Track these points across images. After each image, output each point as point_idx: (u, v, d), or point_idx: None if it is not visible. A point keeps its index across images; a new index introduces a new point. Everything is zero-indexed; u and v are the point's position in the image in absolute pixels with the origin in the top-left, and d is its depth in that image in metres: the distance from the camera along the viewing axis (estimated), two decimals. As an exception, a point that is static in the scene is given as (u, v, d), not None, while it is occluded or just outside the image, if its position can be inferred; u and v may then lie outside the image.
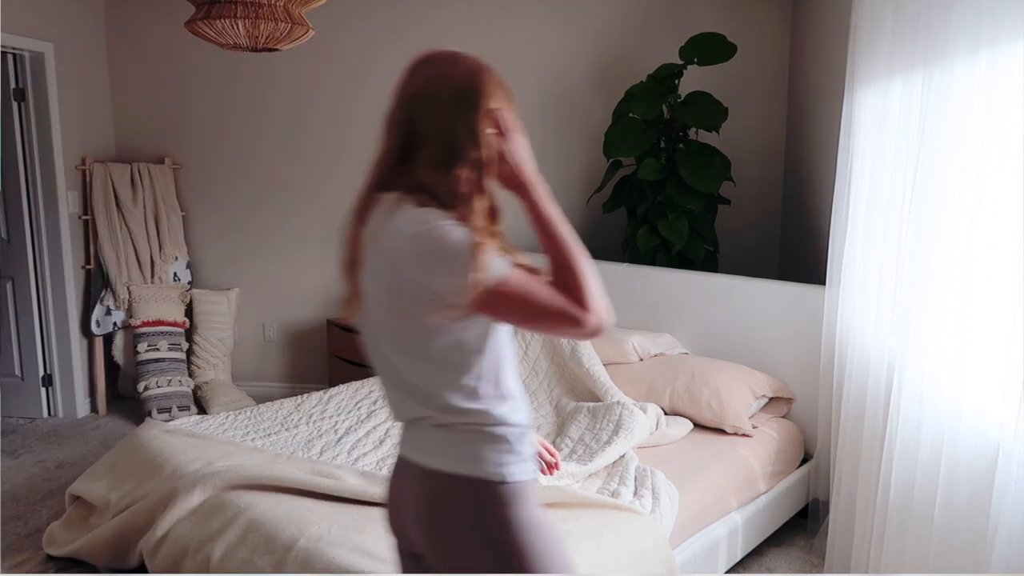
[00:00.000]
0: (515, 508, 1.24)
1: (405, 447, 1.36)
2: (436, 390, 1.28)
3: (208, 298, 4.40)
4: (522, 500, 1.26)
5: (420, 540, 1.32)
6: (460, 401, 1.26)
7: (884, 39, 2.27)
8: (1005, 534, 1.60)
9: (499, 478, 1.24)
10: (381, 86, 4.70)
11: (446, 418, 1.27)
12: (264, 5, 2.37)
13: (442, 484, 1.27)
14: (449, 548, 1.27)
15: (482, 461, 1.25)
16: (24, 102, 3.98)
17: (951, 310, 1.89)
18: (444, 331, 1.24)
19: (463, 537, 1.26)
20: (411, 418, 1.35)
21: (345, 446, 2.66)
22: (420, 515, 1.30)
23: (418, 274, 1.22)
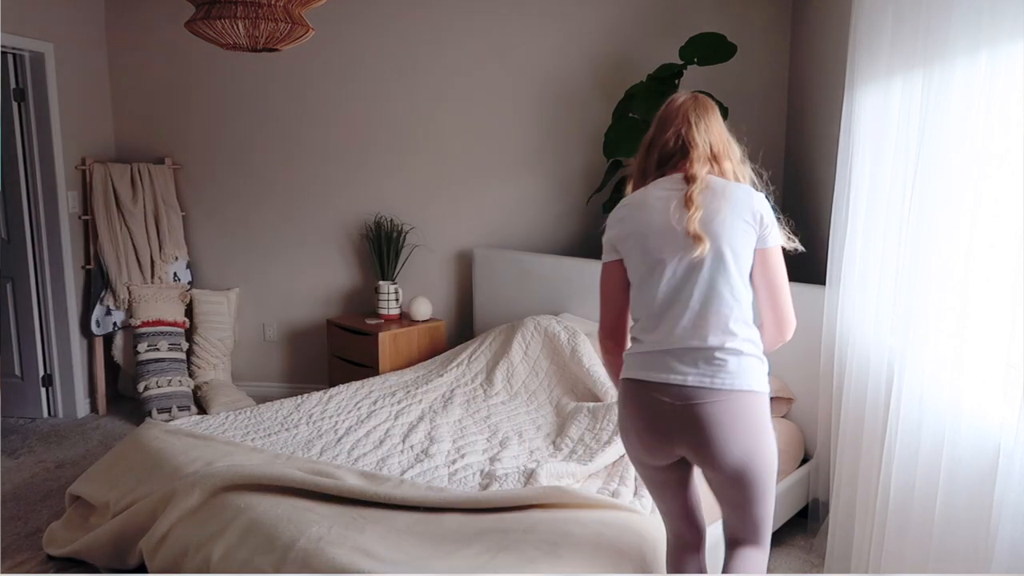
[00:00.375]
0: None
1: (688, 374, 1.67)
2: (734, 320, 1.67)
3: (208, 298, 4.40)
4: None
5: (710, 447, 1.66)
6: (744, 329, 1.68)
7: (884, 39, 2.27)
8: (1006, 534, 1.60)
9: (765, 391, 1.70)
10: (381, 86, 4.73)
11: (737, 344, 1.66)
12: (264, 5, 2.37)
13: (740, 400, 1.64)
14: (750, 450, 1.66)
15: (760, 378, 1.69)
16: (24, 102, 3.98)
17: (951, 310, 1.89)
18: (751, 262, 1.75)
19: (758, 440, 1.67)
20: (697, 347, 1.67)
21: (345, 446, 2.66)
22: (721, 428, 1.64)
23: (763, 214, 1.76)
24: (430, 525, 2.04)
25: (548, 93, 4.14)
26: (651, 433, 1.72)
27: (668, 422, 1.68)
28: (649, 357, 1.72)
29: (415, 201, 4.32)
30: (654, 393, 1.69)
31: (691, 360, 1.67)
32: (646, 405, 1.71)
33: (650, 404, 1.70)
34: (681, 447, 1.71)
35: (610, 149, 3.59)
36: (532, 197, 4.24)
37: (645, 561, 2.05)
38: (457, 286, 4.38)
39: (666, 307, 1.70)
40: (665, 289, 1.70)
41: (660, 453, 1.75)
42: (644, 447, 1.76)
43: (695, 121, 1.78)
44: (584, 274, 3.72)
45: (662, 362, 1.70)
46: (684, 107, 1.80)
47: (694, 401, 1.65)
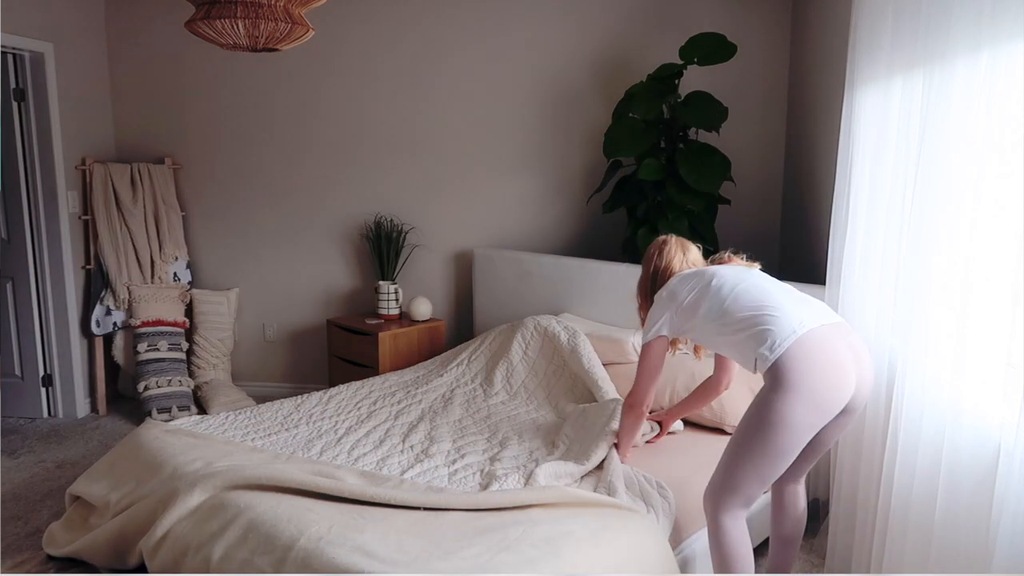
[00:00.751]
0: None
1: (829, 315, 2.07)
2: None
3: (208, 298, 4.40)
4: None
5: (866, 397, 2.05)
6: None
7: (884, 39, 2.27)
8: (1006, 534, 1.60)
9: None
10: (381, 86, 4.73)
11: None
12: (264, 5, 2.36)
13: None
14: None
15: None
16: (24, 102, 3.98)
17: (951, 310, 1.89)
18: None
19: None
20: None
21: (345, 446, 2.66)
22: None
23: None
24: (430, 525, 2.03)
25: (548, 93, 4.14)
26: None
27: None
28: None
29: (415, 201, 4.32)
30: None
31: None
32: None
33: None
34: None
35: (610, 149, 3.59)
36: (532, 197, 4.24)
37: (645, 561, 2.05)
38: (457, 286, 4.38)
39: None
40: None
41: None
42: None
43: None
44: (584, 274, 3.72)
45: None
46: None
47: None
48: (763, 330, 1.98)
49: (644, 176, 3.49)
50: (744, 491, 2.03)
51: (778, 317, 1.99)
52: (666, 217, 3.52)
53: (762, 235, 4.03)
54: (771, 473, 2.01)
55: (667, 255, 2.38)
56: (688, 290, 2.22)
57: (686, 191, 3.46)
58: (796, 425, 1.92)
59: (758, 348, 1.97)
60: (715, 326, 2.12)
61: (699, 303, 2.16)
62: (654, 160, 3.52)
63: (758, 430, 1.97)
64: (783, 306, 2.02)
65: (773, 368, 1.94)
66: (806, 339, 1.93)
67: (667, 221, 3.51)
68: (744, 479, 2.02)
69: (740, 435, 2.04)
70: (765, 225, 4.04)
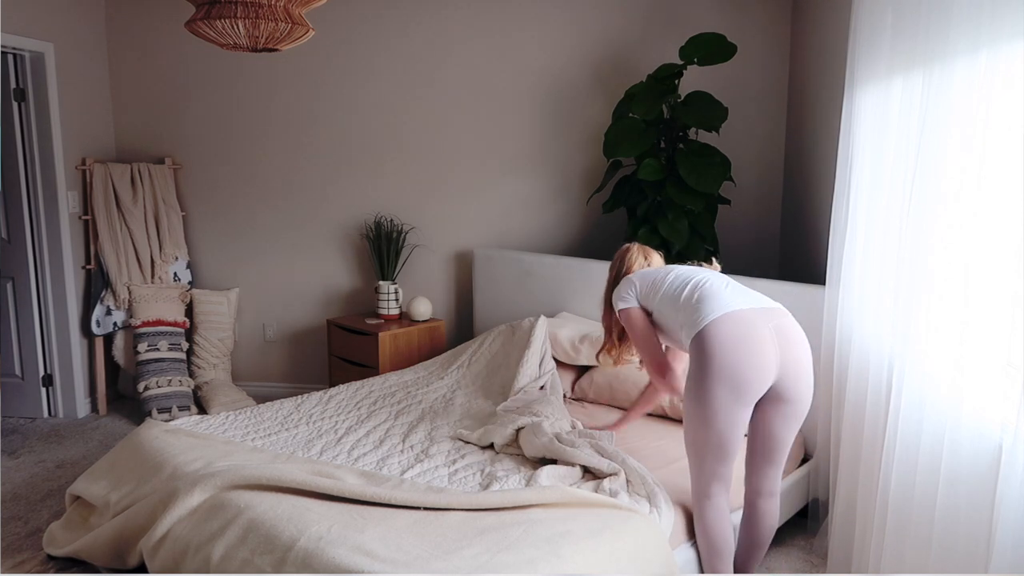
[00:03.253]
0: None
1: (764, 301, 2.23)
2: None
3: (208, 298, 4.40)
4: None
5: (800, 383, 2.16)
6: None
7: (884, 39, 2.27)
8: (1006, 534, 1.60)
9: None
10: (381, 86, 4.72)
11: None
12: (264, 5, 2.37)
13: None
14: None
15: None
16: (24, 102, 3.98)
17: (951, 310, 1.89)
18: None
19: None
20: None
21: (345, 446, 2.66)
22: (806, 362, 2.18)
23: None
24: (430, 525, 2.04)
25: (548, 93, 4.14)
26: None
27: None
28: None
29: (415, 201, 4.32)
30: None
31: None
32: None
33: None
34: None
35: (610, 149, 3.59)
36: (532, 197, 4.24)
37: (645, 561, 2.05)
38: (457, 286, 4.38)
39: None
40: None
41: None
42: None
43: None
44: (584, 274, 3.72)
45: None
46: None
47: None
48: (695, 308, 2.17)
49: (644, 176, 3.49)
50: (705, 467, 2.17)
51: (709, 299, 2.17)
52: (666, 217, 3.52)
53: (762, 235, 4.03)
54: (716, 442, 2.12)
55: (628, 260, 2.55)
56: (648, 276, 2.42)
57: (686, 191, 3.46)
58: (711, 389, 2.07)
59: (688, 323, 2.16)
60: (668, 306, 2.29)
61: (657, 287, 2.35)
62: (654, 160, 3.52)
63: (686, 405, 2.17)
64: (717, 292, 2.19)
65: (694, 341, 2.12)
66: (726, 318, 2.10)
67: (667, 221, 3.51)
68: (696, 454, 2.18)
69: (684, 420, 2.23)
70: (765, 225, 4.04)
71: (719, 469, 2.16)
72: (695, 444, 2.17)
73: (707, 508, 2.20)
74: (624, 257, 2.57)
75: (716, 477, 2.17)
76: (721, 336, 2.07)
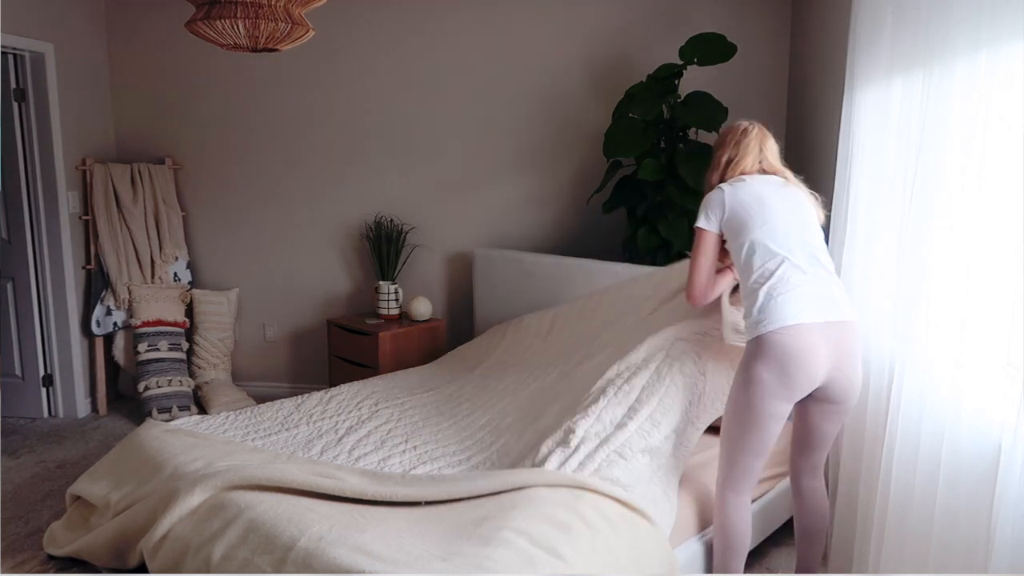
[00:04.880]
0: None
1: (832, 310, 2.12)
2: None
3: (208, 298, 4.40)
4: None
5: (849, 391, 2.16)
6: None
7: (884, 39, 2.27)
8: (1006, 534, 1.60)
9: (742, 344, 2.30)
10: (381, 86, 4.71)
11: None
12: (264, 5, 2.37)
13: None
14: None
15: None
16: (24, 102, 3.98)
17: (951, 310, 1.89)
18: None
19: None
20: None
21: (346, 446, 2.66)
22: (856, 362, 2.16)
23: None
24: (431, 524, 2.03)
25: (548, 93, 4.14)
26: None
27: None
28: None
29: (415, 201, 4.32)
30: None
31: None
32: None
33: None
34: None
35: (610, 149, 3.59)
36: (532, 197, 4.24)
37: (645, 560, 2.05)
38: (457, 286, 4.38)
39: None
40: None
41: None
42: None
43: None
44: (584, 274, 3.72)
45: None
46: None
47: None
48: (765, 305, 2.10)
49: (644, 176, 3.49)
50: (737, 461, 2.19)
51: (783, 303, 2.08)
52: (666, 217, 3.52)
53: (762, 235, 4.03)
54: (754, 438, 2.14)
55: (743, 148, 2.35)
56: (742, 207, 2.25)
57: (686, 191, 3.46)
58: (757, 382, 2.09)
59: (754, 308, 2.12)
60: (742, 265, 2.22)
61: (743, 232, 2.22)
62: (654, 160, 3.52)
63: (732, 397, 2.18)
64: (794, 297, 2.09)
65: (754, 340, 2.11)
66: (790, 332, 2.06)
67: (667, 221, 3.51)
68: (731, 448, 2.19)
69: (725, 411, 2.24)
70: (765, 225, 4.04)
71: (754, 463, 2.19)
72: (733, 438, 2.19)
73: (732, 501, 2.22)
74: (741, 143, 2.36)
75: (748, 472, 2.20)
76: (779, 348, 2.06)
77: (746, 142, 2.35)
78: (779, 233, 2.18)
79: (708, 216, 2.29)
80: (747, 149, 2.34)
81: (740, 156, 2.34)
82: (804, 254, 2.15)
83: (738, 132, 2.38)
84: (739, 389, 2.15)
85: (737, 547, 2.24)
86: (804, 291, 2.11)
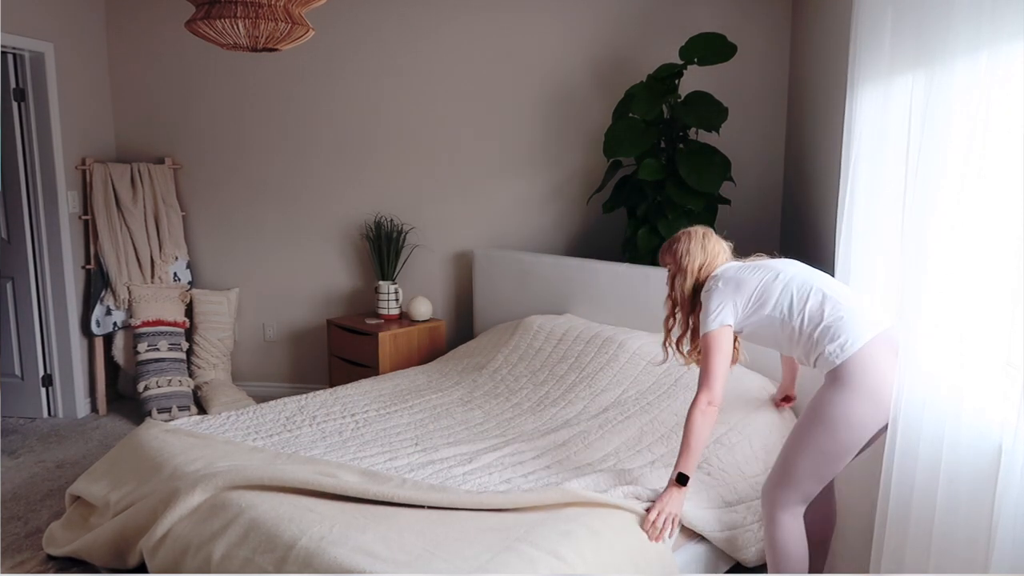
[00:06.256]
0: None
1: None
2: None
3: (208, 298, 4.40)
4: None
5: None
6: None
7: (884, 39, 2.27)
8: (1006, 534, 1.60)
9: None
10: (381, 86, 4.70)
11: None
12: (264, 5, 2.36)
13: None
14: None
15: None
16: (24, 102, 3.98)
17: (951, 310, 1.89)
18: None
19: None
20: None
21: (350, 448, 2.65)
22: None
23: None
24: (432, 525, 2.04)
25: (548, 93, 4.14)
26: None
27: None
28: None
29: (415, 201, 4.32)
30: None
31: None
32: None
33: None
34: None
35: (610, 149, 3.59)
36: (532, 197, 4.24)
37: (646, 562, 2.05)
38: (457, 286, 4.38)
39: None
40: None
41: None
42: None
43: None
44: (584, 274, 3.72)
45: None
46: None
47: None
48: (833, 328, 2.01)
49: (644, 176, 3.49)
50: (802, 488, 2.06)
51: (847, 317, 2.02)
52: (666, 217, 3.52)
53: (762, 235, 4.03)
54: (830, 471, 2.04)
55: (710, 250, 2.27)
56: (757, 280, 2.16)
57: (686, 191, 3.46)
58: (858, 423, 1.97)
59: (827, 345, 2.00)
60: (782, 321, 2.10)
61: (767, 296, 2.12)
62: (654, 160, 3.52)
63: (820, 427, 2.00)
64: (854, 306, 2.05)
65: (841, 367, 1.98)
66: (875, 342, 1.98)
67: (667, 221, 3.51)
68: (803, 476, 2.04)
69: (802, 432, 2.05)
70: (765, 225, 4.04)
71: (817, 488, 2.09)
72: (814, 464, 2.03)
73: (790, 523, 2.09)
74: (706, 247, 2.28)
75: (810, 496, 2.10)
76: (871, 361, 1.98)
77: (710, 245, 2.29)
78: (800, 278, 2.14)
79: (723, 315, 2.13)
80: (716, 248, 2.29)
81: (712, 256, 2.27)
82: (832, 287, 2.13)
83: (696, 237, 2.30)
84: (836, 423, 1.99)
85: (801, 566, 2.13)
86: (866, 308, 2.07)
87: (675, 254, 2.31)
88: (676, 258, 2.30)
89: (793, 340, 2.11)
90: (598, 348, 3.29)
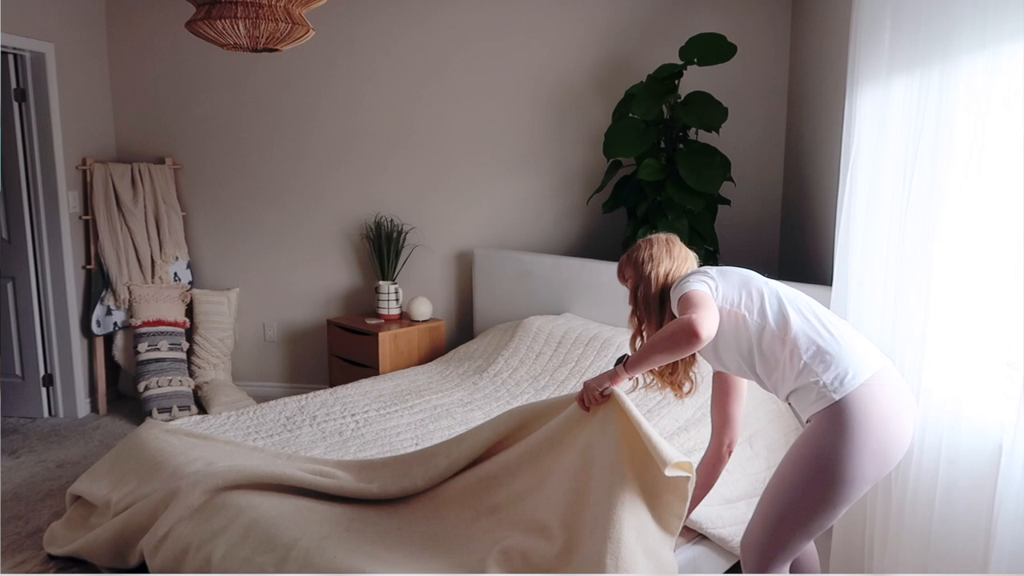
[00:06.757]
0: None
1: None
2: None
3: (208, 298, 4.40)
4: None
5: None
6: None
7: (884, 39, 2.28)
8: (1006, 534, 1.61)
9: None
10: (381, 86, 4.71)
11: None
12: (264, 5, 2.37)
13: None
14: None
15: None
16: (24, 102, 3.98)
17: (951, 310, 1.89)
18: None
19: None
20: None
21: (350, 448, 2.65)
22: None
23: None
24: (431, 524, 2.04)
25: (548, 93, 4.14)
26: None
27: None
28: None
29: (415, 201, 4.32)
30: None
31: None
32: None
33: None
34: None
35: (610, 149, 3.59)
36: (532, 197, 4.24)
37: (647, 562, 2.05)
38: (457, 286, 4.39)
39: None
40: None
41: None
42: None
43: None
44: (584, 274, 3.72)
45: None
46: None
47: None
48: (829, 353, 1.71)
49: (644, 176, 3.50)
50: (793, 546, 1.79)
51: (845, 345, 1.73)
52: (666, 217, 3.52)
53: (762, 235, 4.03)
54: (822, 526, 1.77)
55: (676, 254, 1.99)
56: (740, 274, 1.92)
57: (686, 191, 3.46)
58: (862, 477, 1.68)
59: (821, 373, 1.70)
60: (761, 328, 1.80)
61: (750, 290, 1.86)
62: (654, 160, 3.52)
63: (820, 479, 1.70)
64: (850, 333, 1.77)
65: (838, 405, 1.67)
66: (878, 378, 1.69)
67: (667, 221, 3.51)
68: (794, 534, 1.77)
69: (791, 485, 1.75)
70: (765, 225, 4.04)
71: (807, 543, 1.85)
72: (808, 518, 1.75)
73: (782, 571, 1.85)
74: (672, 253, 1.99)
75: (799, 551, 1.84)
76: (875, 402, 1.67)
77: (675, 250, 1.99)
78: (790, 290, 1.89)
79: (700, 284, 1.84)
80: (683, 253, 2.00)
81: (679, 262, 1.98)
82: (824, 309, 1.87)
83: (659, 243, 2.01)
84: (828, 475, 1.69)
85: None
86: (862, 340, 1.81)
87: (636, 263, 1.98)
88: (637, 266, 1.98)
89: (766, 356, 1.79)
90: (597, 351, 3.30)
